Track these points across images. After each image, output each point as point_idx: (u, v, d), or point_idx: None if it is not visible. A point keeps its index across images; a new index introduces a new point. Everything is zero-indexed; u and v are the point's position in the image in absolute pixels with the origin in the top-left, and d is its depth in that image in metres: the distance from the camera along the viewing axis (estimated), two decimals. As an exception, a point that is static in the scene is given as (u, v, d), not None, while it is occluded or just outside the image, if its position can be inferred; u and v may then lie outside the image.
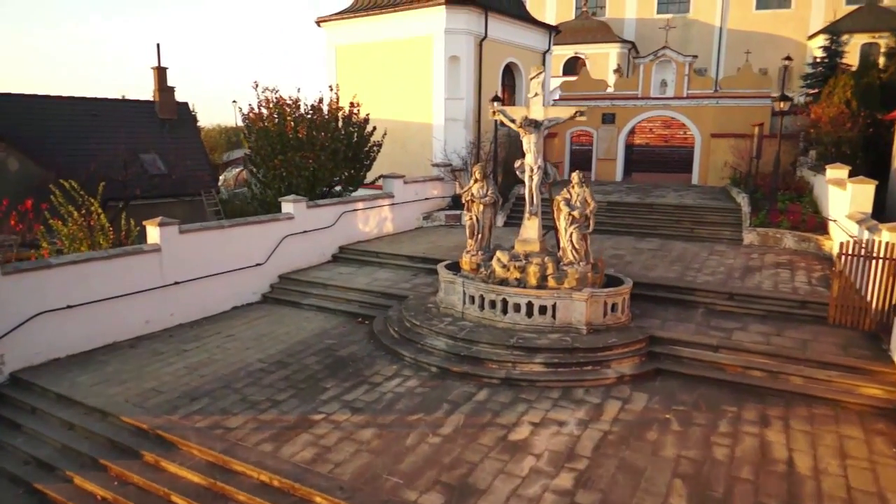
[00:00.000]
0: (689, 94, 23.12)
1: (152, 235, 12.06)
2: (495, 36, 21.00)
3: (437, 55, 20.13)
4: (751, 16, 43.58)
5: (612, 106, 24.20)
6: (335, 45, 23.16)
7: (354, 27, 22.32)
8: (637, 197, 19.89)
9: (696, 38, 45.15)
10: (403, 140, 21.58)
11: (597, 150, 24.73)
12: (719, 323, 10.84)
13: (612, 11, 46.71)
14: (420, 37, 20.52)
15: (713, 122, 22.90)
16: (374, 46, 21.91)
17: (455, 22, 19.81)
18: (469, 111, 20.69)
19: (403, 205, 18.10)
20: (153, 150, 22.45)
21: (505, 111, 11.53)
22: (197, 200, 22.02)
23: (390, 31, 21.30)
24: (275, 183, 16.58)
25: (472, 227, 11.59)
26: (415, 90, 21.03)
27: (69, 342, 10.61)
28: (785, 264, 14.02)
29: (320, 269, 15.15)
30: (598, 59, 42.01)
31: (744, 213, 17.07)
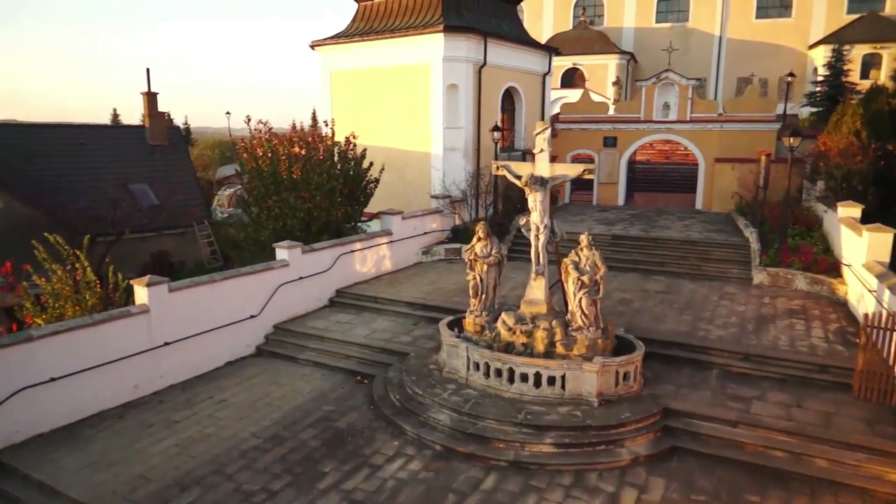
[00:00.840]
0: (692, 117, 22.63)
1: (140, 296, 11.51)
2: (495, 61, 20.47)
3: (435, 83, 19.59)
4: (751, 25, 43.14)
5: (613, 129, 23.70)
6: (330, 71, 22.60)
7: (350, 52, 21.77)
8: (641, 228, 19.40)
9: (695, 47, 44.70)
10: (401, 168, 21.04)
11: (598, 174, 24.22)
12: (736, 390, 10.35)
13: (611, 20, 46.22)
14: (418, 64, 19.98)
15: (717, 146, 22.42)
16: (371, 72, 21.36)
17: (454, 50, 19.27)
18: (468, 140, 20.17)
19: (402, 241, 17.58)
20: (143, 180, 21.87)
21: (509, 167, 11.01)
22: (189, 232, 21.45)
23: (387, 58, 20.76)
24: (269, 223, 16.02)
25: (475, 286, 11.07)
26: (413, 118, 20.49)
27: (53, 416, 10.06)
28: (799, 312, 13.54)
29: (317, 316, 14.61)
30: (596, 71, 41.53)
31: (753, 250, 16.59)
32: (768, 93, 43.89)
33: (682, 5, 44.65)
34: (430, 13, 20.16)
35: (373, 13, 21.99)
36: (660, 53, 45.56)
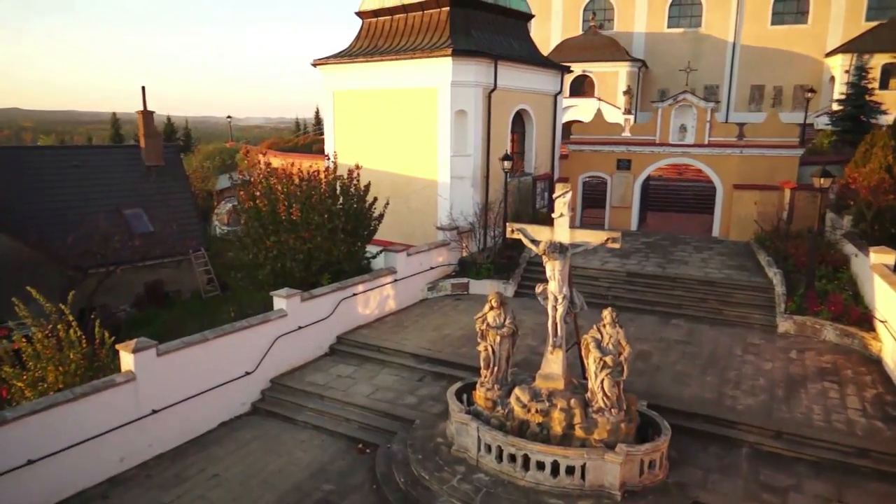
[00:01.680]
0: (710, 141, 21.70)
1: (126, 362, 10.72)
2: (505, 84, 19.56)
3: (442, 109, 18.70)
4: (766, 31, 41.98)
5: (627, 152, 22.78)
6: (333, 90, 21.72)
7: (353, 73, 20.88)
8: (657, 263, 18.52)
9: (707, 53, 43.59)
10: (406, 195, 20.20)
11: (611, 197, 23.33)
12: (770, 477, 9.52)
13: (621, 25, 45.10)
14: (425, 88, 19.09)
15: (736, 172, 21.49)
16: (375, 94, 20.48)
17: (462, 74, 18.36)
18: (477, 167, 19.29)
19: (407, 279, 16.74)
20: (139, 204, 21.07)
21: (525, 231, 10.17)
22: (185, 261, 20.65)
23: (392, 80, 19.86)
24: (267, 262, 15.20)
25: (487, 358, 10.24)
26: (418, 144, 19.62)
27: (30, 500, 9.29)
28: (830, 372, 12.69)
29: (316, 367, 13.81)
30: (606, 78, 40.50)
31: (777, 294, 15.72)
32: (783, 101, 42.87)
33: (695, 10, 43.50)
34: (438, 34, 19.25)
35: (378, 31, 21.07)
36: (672, 60, 44.51)
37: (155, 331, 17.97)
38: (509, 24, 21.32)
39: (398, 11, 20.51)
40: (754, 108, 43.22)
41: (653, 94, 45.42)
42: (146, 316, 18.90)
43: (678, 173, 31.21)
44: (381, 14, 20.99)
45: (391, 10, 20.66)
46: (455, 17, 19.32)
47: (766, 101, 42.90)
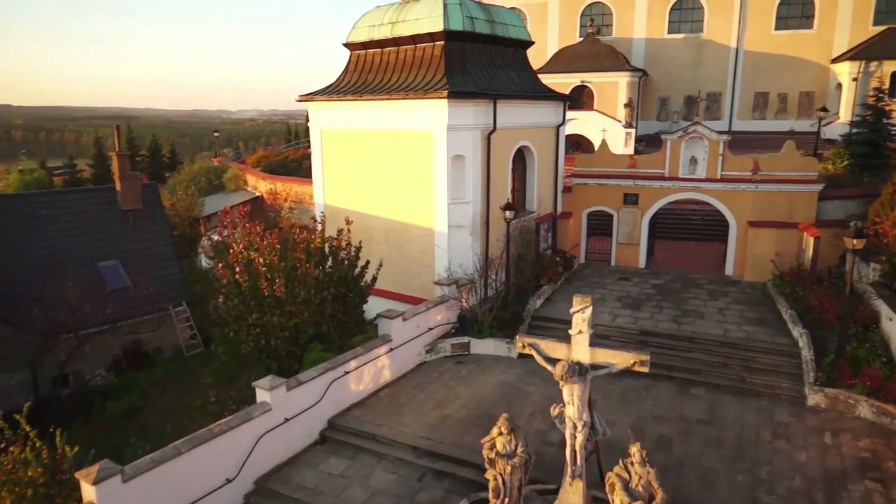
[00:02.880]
0: (723, 175, 20.42)
1: (87, 493, 9.43)
2: (505, 123, 18.23)
3: (438, 154, 17.37)
4: (769, 37, 40.62)
5: (634, 186, 21.49)
6: (320, 128, 20.35)
7: (341, 111, 19.52)
8: (671, 316, 17.28)
9: (709, 59, 42.25)
10: (401, 242, 18.92)
11: (617, 233, 22.05)
12: None
13: (620, 31, 43.68)
14: (419, 130, 17.75)
15: (751, 208, 20.25)
16: (365, 134, 19.13)
17: (459, 117, 17.02)
18: (476, 214, 17.99)
19: (404, 345, 15.47)
20: (114, 254, 19.72)
21: (538, 347, 8.92)
22: (166, 315, 19.31)
23: (384, 121, 18.52)
24: (250, 340, 13.90)
25: (496, 488, 9.00)
26: (413, 188, 18.31)
27: None
28: (871, 465, 11.51)
29: (306, 462, 12.55)
30: (606, 89, 39.13)
31: (805, 360, 14.50)
32: (788, 108, 41.60)
33: (697, 15, 42.07)
34: (433, 71, 17.88)
35: (367, 65, 19.69)
36: (673, 66, 43.16)
37: (133, 402, 16.74)
38: (507, 55, 19.96)
39: (389, 44, 19.13)
40: (758, 115, 41.95)
41: (653, 102, 44.13)
42: (124, 382, 17.60)
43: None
44: (370, 46, 19.60)
45: (381, 43, 19.27)
46: (450, 52, 17.96)
47: (770, 109, 41.61)
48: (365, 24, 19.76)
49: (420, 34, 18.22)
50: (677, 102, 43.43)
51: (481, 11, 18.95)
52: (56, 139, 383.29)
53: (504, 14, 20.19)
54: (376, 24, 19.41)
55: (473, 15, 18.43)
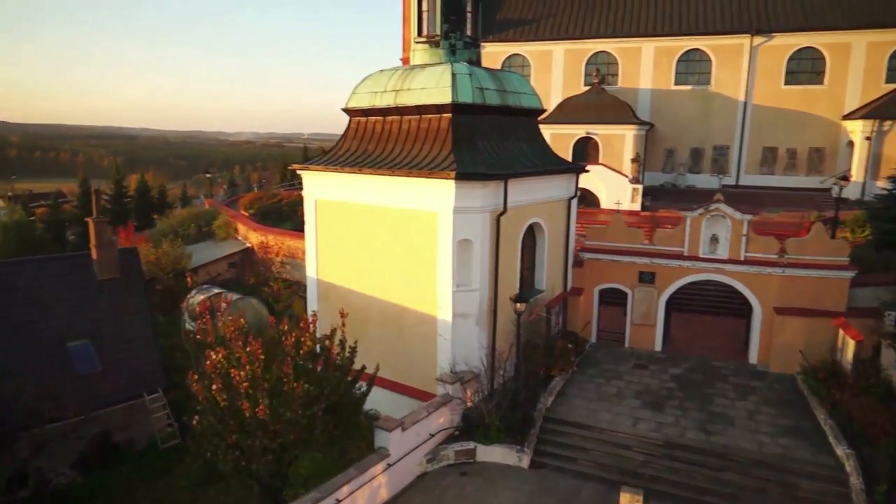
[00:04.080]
0: (746, 257, 19.02)
1: None
2: (516, 201, 16.82)
3: (443, 237, 15.89)
4: (779, 91, 39.78)
5: (651, 264, 20.06)
6: (315, 198, 18.90)
7: (338, 182, 18.10)
8: (697, 421, 15.66)
9: (717, 112, 41.34)
10: (400, 327, 17.34)
11: (632, 313, 20.55)
12: None
13: (626, 80, 42.81)
14: (422, 210, 16.30)
15: (777, 293, 18.81)
16: (364, 209, 17.69)
17: (467, 199, 15.60)
18: (483, 302, 16.46)
19: (403, 458, 13.79)
20: (86, 332, 18.02)
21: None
22: (139, 404, 17.55)
23: (384, 197, 17.09)
24: (228, 461, 12.17)
25: None
26: (415, 272, 16.80)
27: None
28: None
29: None
30: (612, 141, 38.03)
31: (853, 489, 12.89)
32: (797, 164, 40.60)
33: (704, 67, 41.27)
34: (438, 146, 16.49)
35: (368, 133, 18.33)
36: (679, 118, 42.20)
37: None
38: (518, 124, 18.63)
39: (391, 113, 17.78)
40: (766, 170, 40.93)
41: (659, 153, 43.08)
42: (91, 483, 15.77)
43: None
44: (371, 114, 18.25)
45: (383, 112, 17.93)
46: (458, 126, 16.60)
47: (779, 164, 40.61)
48: (366, 89, 18.44)
49: (426, 105, 16.87)
50: (684, 154, 42.42)
51: (492, 81, 17.66)
52: (51, 158, 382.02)
53: (515, 81, 18.93)
54: (378, 90, 18.09)
55: (484, 85, 17.12)
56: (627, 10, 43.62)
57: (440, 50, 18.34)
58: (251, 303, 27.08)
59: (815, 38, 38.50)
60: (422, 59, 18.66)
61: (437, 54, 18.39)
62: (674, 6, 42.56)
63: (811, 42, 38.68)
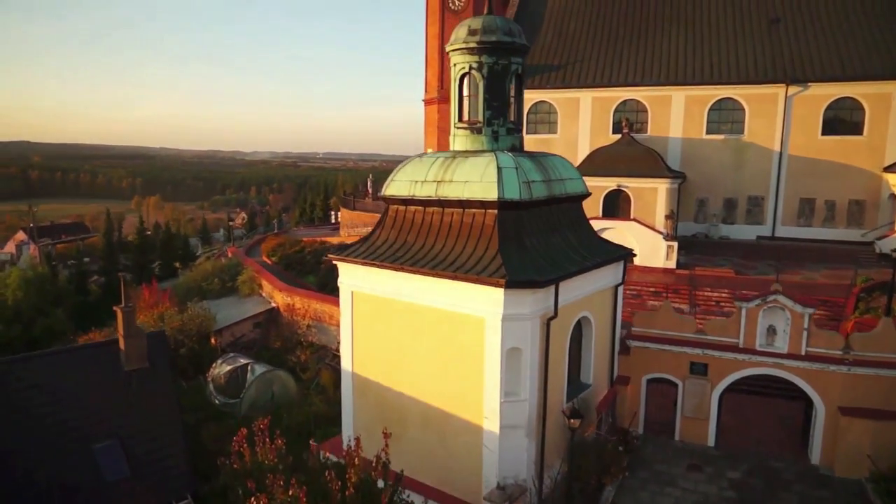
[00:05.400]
0: (808, 352, 17.91)
1: None
2: (566, 299, 15.92)
3: (490, 345, 14.99)
4: (816, 142, 38.64)
5: (703, 355, 19.00)
6: (351, 290, 18.11)
7: (377, 275, 17.27)
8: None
9: (751, 162, 40.25)
10: (442, 431, 16.39)
11: (683, 405, 19.47)
12: None
13: (655, 129, 41.94)
14: (468, 314, 15.41)
15: (842, 392, 17.66)
16: (405, 307, 16.85)
17: (517, 306, 14.71)
18: (532, 412, 15.49)
19: None
20: (113, 431, 17.27)
21: None
22: (168, 511, 16.72)
23: (427, 296, 16.26)
24: None
25: None
26: (458, 376, 15.89)
27: None
28: None
29: None
30: (644, 195, 37.04)
31: None
32: (835, 217, 39.32)
33: (737, 116, 40.28)
34: (484, 244, 15.66)
35: (408, 222, 17.57)
36: (711, 168, 41.14)
37: None
38: (564, 212, 17.79)
39: (433, 204, 17.01)
40: (804, 222, 39.64)
41: (691, 203, 41.99)
42: None
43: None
44: (411, 203, 17.50)
45: (424, 202, 17.16)
46: (504, 223, 15.76)
47: (817, 216, 39.31)
48: (405, 177, 17.71)
49: (470, 200, 16.08)
50: (716, 205, 41.26)
51: (537, 171, 16.85)
52: (71, 180, 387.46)
53: (560, 167, 18.12)
54: (419, 179, 17.35)
55: (530, 178, 16.31)
56: (657, 57, 42.89)
57: (482, 137, 17.61)
58: (279, 375, 26.39)
59: (854, 88, 37.43)
60: (462, 144, 17.94)
61: (478, 141, 17.67)
62: (704, 54, 41.78)
63: (849, 92, 37.60)
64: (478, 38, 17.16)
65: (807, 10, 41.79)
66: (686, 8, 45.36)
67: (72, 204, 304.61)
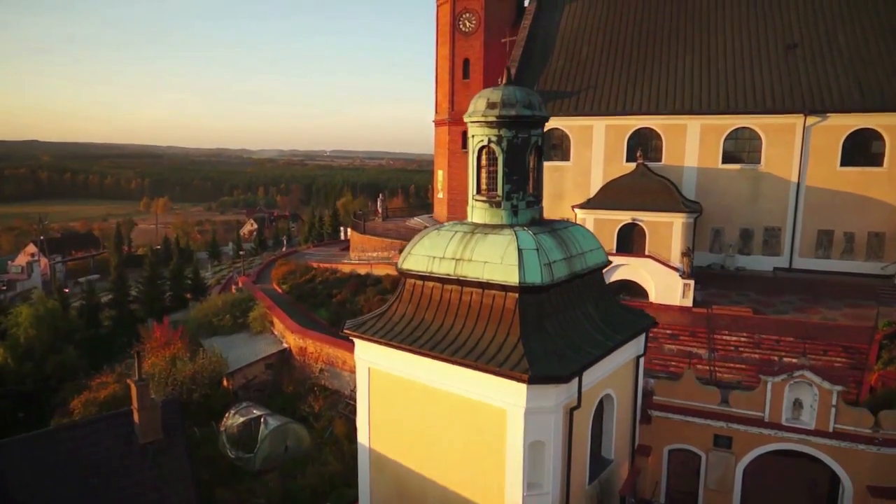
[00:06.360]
0: (836, 429, 17.43)
1: None
2: (588, 383, 15.50)
3: (512, 439, 14.62)
4: (835, 173, 38.10)
5: (727, 428, 18.57)
6: (368, 366, 17.78)
7: (394, 354, 16.93)
8: None
9: (767, 192, 39.76)
10: (461, 518, 16.01)
11: (705, 477, 19.04)
12: None
13: (670, 158, 41.51)
14: (489, 404, 15.05)
15: (871, 471, 17.18)
16: (423, 389, 16.49)
17: (540, 399, 14.33)
18: (556, 502, 15.08)
19: None
20: (128, 510, 17.02)
21: None
22: None
23: (446, 381, 15.90)
24: None
25: None
26: (480, 465, 15.51)
27: None
28: None
29: None
30: (659, 229, 36.61)
31: None
32: (854, 249, 38.72)
33: (753, 146, 39.78)
34: (504, 329, 15.28)
35: (425, 298, 17.21)
36: (727, 198, 40.66)
37: None
38: (584, 286, 17.36)
39: (451, 283, 16.63)
40: (822, 254, 39.10)
41: (706, 233, 41.50)
42: None
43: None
44: (429, 279, 17.13)
45: (442, 280, 16.79)
46: (525, 308, 15.37)
47: (835, 248, 38.77)
48: (423, 252, 17.35)
49: (490, 282, 15.72)
50: (732, 235, 40.79)
51: (558, 248, 16.44)
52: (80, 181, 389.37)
53: (581, 239, 17.70)
54: (437, 255, 16.97)
55: (552, 258, 15.90)
56: (671, 84, 42.40)
57: (501, 211, 17.22)
58: (292, 429, 26.17)
59: (873, 120, 36.83)
60: (481, 217, 17.56)
61: (498, 215, 17.28)
62: (720, 81, 41.25)
63: (869, 123, 37.01)
64: (497, 111, 16.78)
65: (825, 36, 41.17)
66: (700, 32, 44.84)
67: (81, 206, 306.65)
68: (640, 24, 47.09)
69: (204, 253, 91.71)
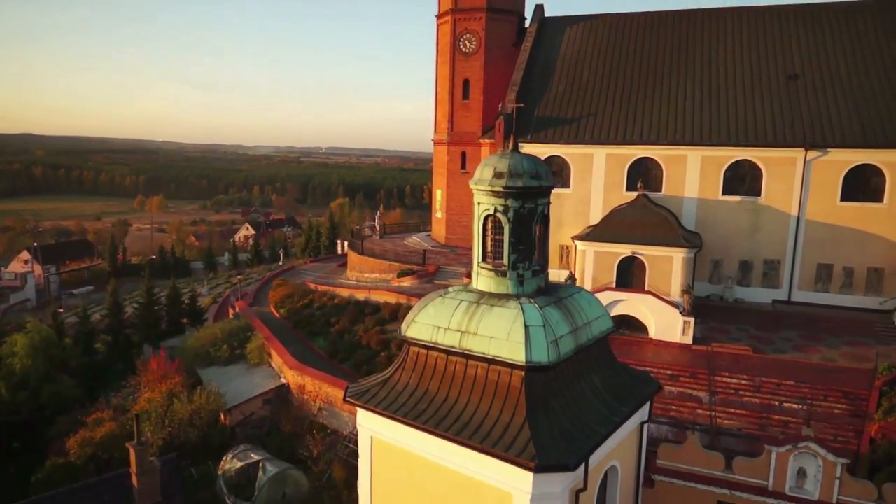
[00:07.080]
0: (839, 500, 17.37)
1: None
2: (594, 461, 15.33)
3: (518, 522, 14.42)
4: (835, 207, 38.14)
5: (731, 495, 18.50)
6: (371, 435, 17.60)
7: (397, 426, 16.76)
8: None
9: (767, 225, 39.77)
10: None
11: (709, 544, 18.93)
12: None
13: (670, 188, 41.49)
14: (494, 486, 14.90)
15: (876, 545, 17.09)
16: (426, 464, 16.31)
17: (546, 485, 14.21)
18: (560, 585, 14.92)
19: None
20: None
21: None
22: None
23: (449, 457, 15.72)
24: None
25: None
26: (483, 545, 15.31)
27: None
28: None
29: None
30: (659, 263, 36.55)
31: None
32: (853, 283, 38.76)
33: (754, 179, 39.74)
34: (510, 409, 15.14)
35: (429, 368, 17.06)
36: (726, 229, 40.65)
37: None
38: (590, 356, 17.24)
39: (455, 354, 16.47)
40: (821, 288, 39.16)
41: (706, 264, 41.46)
42: None
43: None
44: (433, 349, 16.96)
45: (447, 351, 16.63)
46: (532, 386, 15.24)
47: (835, 283, 38.82)
48: (427, 320, 17.17)
49: (495, 359, 15.57)
50: (731, 266, 40.80)
51: (565, 321, 16.30)
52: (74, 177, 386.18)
53: (586, 307, 17.57)
54: (441, 325, 16.80)
55: (558, 334, 15.77)
56: (671, 114, 42.36)
57: (507, 280, 17.08)
58: (290, 475, 25.95)
59: (875, 156, 36.89)
60: (486, 286, 17.41)
61: (503, 284, 17.13)
62: (721, 112, 41.22)
63: (870, 159, 37.07)
64: (504, 181, 16.62)
65: (826, 68, 41.22)
66: (702, 62, 44.84)
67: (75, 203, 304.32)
68: (641, 52, 47.00)
69: (199, 263, 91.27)
